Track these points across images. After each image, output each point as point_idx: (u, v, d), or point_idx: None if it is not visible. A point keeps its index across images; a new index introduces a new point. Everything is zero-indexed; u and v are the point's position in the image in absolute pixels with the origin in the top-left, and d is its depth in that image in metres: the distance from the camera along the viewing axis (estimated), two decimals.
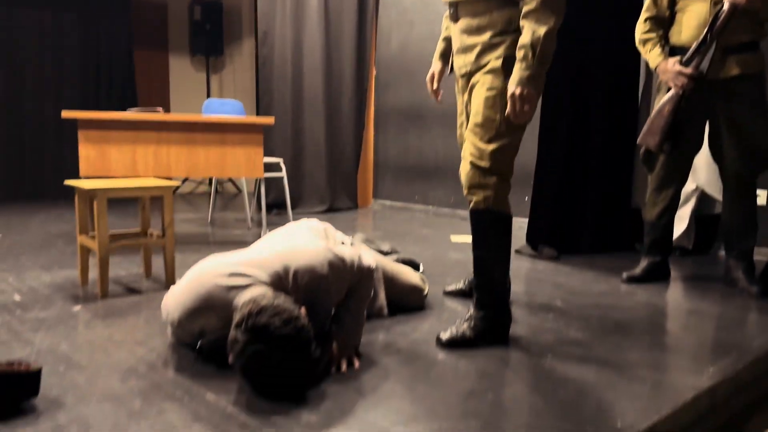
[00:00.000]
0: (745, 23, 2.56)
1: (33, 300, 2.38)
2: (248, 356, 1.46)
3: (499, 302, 1.97)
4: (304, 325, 1.50)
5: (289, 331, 1.46)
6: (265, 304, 1.49)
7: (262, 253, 1.77)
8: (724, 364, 1.85)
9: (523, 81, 1.78)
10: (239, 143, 3.50)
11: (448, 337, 1.94)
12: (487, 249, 1.94)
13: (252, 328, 1.46)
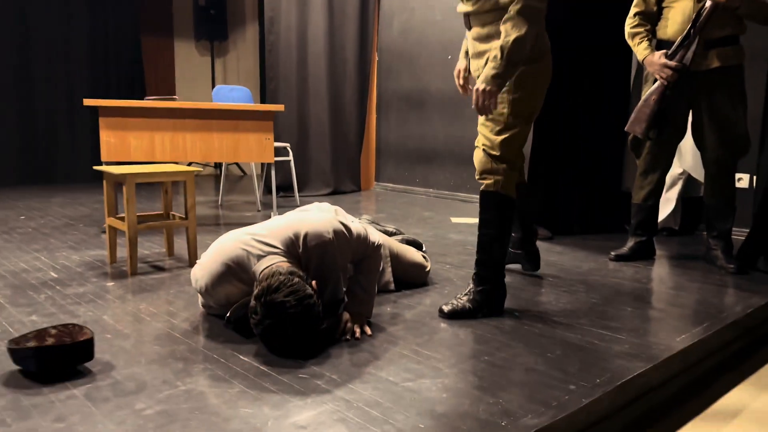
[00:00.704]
0: (726, 19, 2.75)
1: (68, 277, 2.60)
2: (264, 327, 1.70)
3: (496, 278, 2.20)
4: (314, 302, 1.73)
5: (300, 309, 1.69)
6: (281, 281, 1.71)
7: (277, 223, 2.00)
8: (696, 331, 2.07)
9: (488, 79, 1.99)
10: (251, 130, 3.69)
11: (450, 309, 2.16)
12: (492, 228, 2.17)
13: (268, 303, 1.68)
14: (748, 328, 2.34)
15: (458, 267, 2.91)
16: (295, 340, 1.74)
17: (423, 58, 5.40)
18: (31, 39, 5.79)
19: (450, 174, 5.34)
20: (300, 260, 1.95)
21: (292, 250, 1.93)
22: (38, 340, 1.69)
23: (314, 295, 1.74)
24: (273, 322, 1.69)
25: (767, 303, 2.45)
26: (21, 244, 3.23)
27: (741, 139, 2.85)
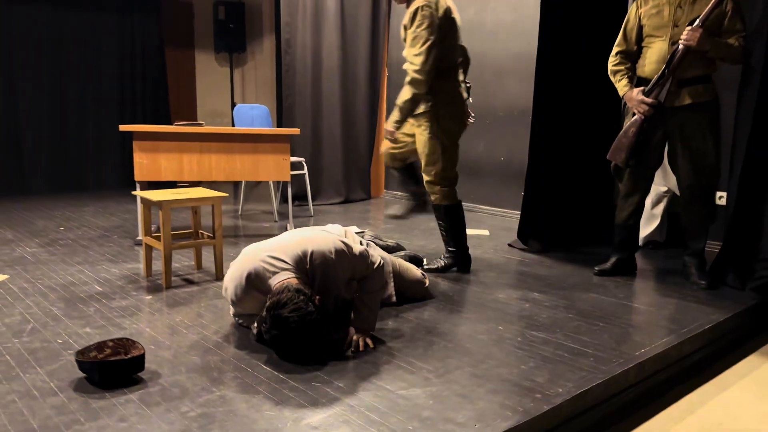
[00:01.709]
0: (698, 60, 3.05)
1: (111, 291, 2.97)
2: (271, 336, 2.08)
3: (459, 246, 3.38)
4: (315, 318, 2.06)
5: (301, 325, 2.04)
6: (288, 298, 2.06)
7: (289, 241, 2.36)
8: (655, 345, 2.40)
9: (390, 122, 3.20)
10: (269, 151, 4.05)
11: (431, 268, 3.34)
12: (448, 222, 3.36)
13: (275, 317, 2.04)
14: (709, 341, 2.66)
15: (455, 281, 3.25)
16: (295, 349, 2.12)
17: None
18: (63, 50, 6.17)
19: None
20: (307, 274, 2.29)
21: (300, 266, 2.28)
22: (99, 352, 2.06)
23: (315, 312, 2.07)
24: (278, 333, 2.06)
25: (726, 319, 2.76)
26: (64, 257, 3.61)
27: (711, 169, 3.16)
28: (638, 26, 3.24)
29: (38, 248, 3.80)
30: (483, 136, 5.34)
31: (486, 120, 5.30)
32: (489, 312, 2.76)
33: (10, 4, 5.75)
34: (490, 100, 5.25)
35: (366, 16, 5.76)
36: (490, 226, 4.84)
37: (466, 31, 5.31)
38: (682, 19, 3.07)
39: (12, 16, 5.81)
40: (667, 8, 3.12)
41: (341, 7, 5.59)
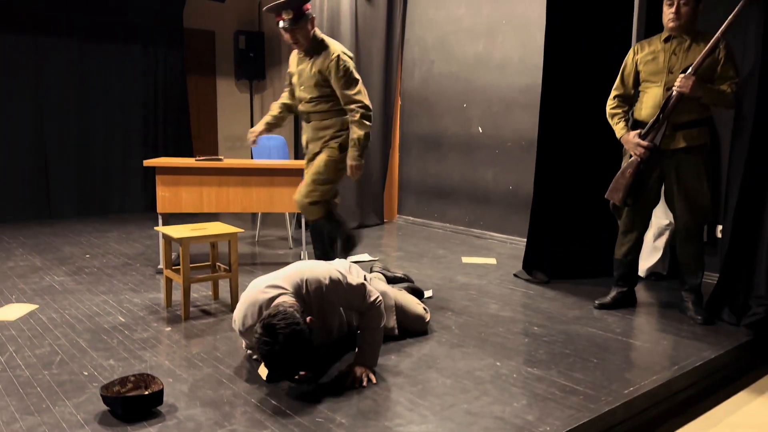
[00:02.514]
0: (692, 106, 3.18)
1: (134, 321, 3.17)
2: (260, 343, 2.16)
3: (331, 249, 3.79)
4: (302, 329, 2.18)
5: (288, 331, 2.15)
6: (279, 311, 2.21)
7: (288, 270, 2.55)
8: (645, 383, 2.52)
9: (354, 158, 3.54)
10: (284, 184, 4.24)
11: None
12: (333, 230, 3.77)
13: (265, 325, 2.18)
14: (700, 378, 2.77)
15: (458, 314, 3.39)
16: (283, 357, 2.16)
17: (441, 105, 5.89)
18: (90, 80, 6.44)
19: (465, 210, 5.81)
20: (304, 300, 2.46)
21: (298, 291, 2.46)
22: (121, 386, 2.24)
23: (302, 323, 2.20)
24: (267, 340, 2.15)
25: (717, 356, 2.87)
26: (90, 286, 3.82)
27: (705, 209, 3.28)
28: (635, 71, 3.38)
29: (65, 276, 4.02)
30: (492, 165, 5.49)
31: (495, 150, 5.45)
32: (488, 347, 2.90)
33: (39, 36, 6.05)
34: (499, 131, 5.40)
35: (379, 47, 5.95)
36: (498, 254, 4.98)
37: (476, 64, 5.51)
38: (677, 66, 3.21)
39: (41, 48, 6.10)
40: (663, 55, 3.27)
41: (356, 39, 5.80)
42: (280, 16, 3.40)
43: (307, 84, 3.57)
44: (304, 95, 3.60)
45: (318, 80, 3.51)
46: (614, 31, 4.04)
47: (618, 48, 3.94)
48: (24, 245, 4.98)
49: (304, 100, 3.62)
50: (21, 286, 3.78)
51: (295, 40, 3.48)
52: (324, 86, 3.53)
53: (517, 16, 5.15)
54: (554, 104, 4.01)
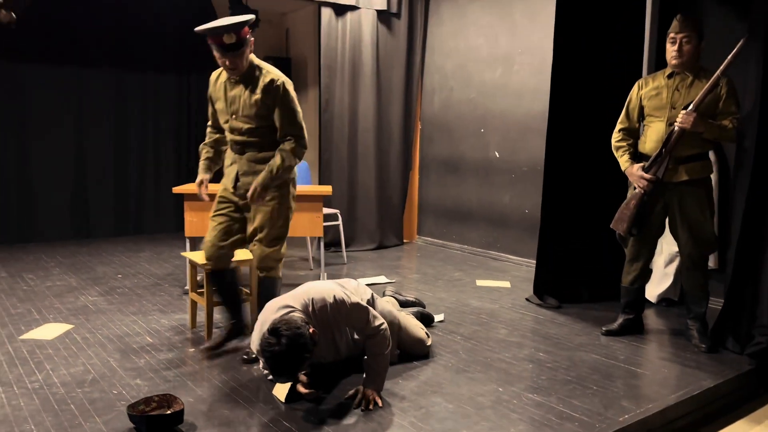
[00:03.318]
0: (694, 140, 3.28)
1: (160, 342, 3.38)
2: (263, 346, 2.35)
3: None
4: (304, 334, 2.37)
5: (290, 334, 2.34)
6: (285, 320, 2.42)
7: (298, 290, 2.74)
8: (640, 411, 2.63)
9: (260, 182, 3.05)
10: (304, 209, 4.44)
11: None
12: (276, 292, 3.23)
13: (270, 329, 2.38)
14: (698, 406, 2.86)
15: (467, 338, 3.53)
16: (284, 357, 2.32)
17: (459, 130, 6.06)
18: (127, 107, 6.76)
19: (483, 232, 5.94)
20: (311, 317, 2.63)
21: (305, 310, 2.63)
22: (146, 405, 2.44)
23: (304, 329, 2.39)
24: (270, 341, 2.34)
25: (716, 384, 2.95)
26: (121, 306, 4.06)
27: (708, 240, 3.37)
28: (639, 106, 3.50)
29: (99, 297, 4.27)
30: (509, 189, 5.62)
31: (511, 174, 5.58)
32: (492, 372, 3.03)
33: (81, 67, 6.39)
34: (515, 156, 5.53)
35: (400, 74, 6.15)
36: (513, 276, 5.09)
37: (494, 91, 5.66)
38: (679, 101, 3.33)
39: (83, 79, 6.45)
40: (666, 91, 3.39)
41: (377, 69, 6.01)
42: (220, 38, 2.93)
43: (245, 113, 3.11)
44: (239, 125, 3.14)
45: (260, 109, 3.09)
46: (622, 61, 4.15)
47: (626, 78, 4.03)
48: (61, 264, 5.28)
49: (237, 131, 3.16)
50: (57, 306, 4.04)
51: (234, 66, 3.02)
52: (267, 116, 3.10)
53: (533, 46, 5.30)
54: (561, 132, 4.13)
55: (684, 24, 3.30)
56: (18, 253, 5.71)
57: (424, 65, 6.40)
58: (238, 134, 3.17)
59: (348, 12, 5.85)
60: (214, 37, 2.94)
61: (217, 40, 2.94)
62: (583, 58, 4.08)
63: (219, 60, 3.04)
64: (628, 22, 4.15)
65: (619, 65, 4.13)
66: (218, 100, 3.24)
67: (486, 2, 5.72)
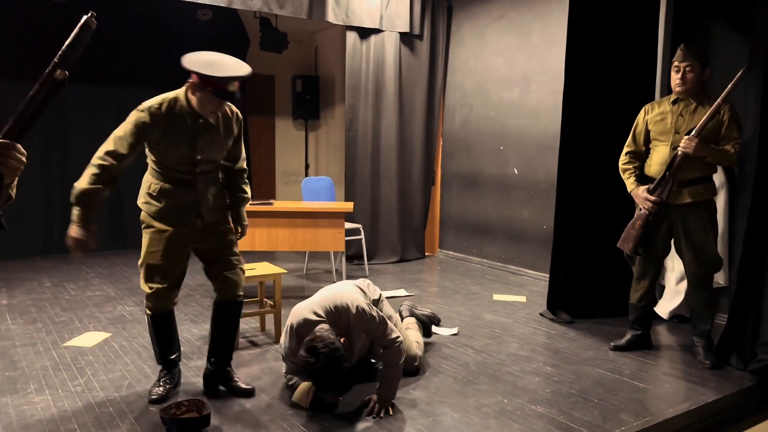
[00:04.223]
0: (696, 164, 3.42)
1: (191, 350, 3.64)
2: (305, 363, 2.62)
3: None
4: (338, 347, 2.63)
5: (327, 351, 2.59)
6: (317, 336, 2.67)
7: (325, 297, 2.97)
8: (637, 424, 2.77)
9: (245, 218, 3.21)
10: (327, 226, 4.68)
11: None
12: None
13: (307, 348, 2.63)
14: (697, 420, 2.99)
15: (479, 352, 3.70)
16: (324, 372, 2.60)
17: (479, 147, 6.24)
18: None
19: (502, 247, 6.10)
20: (336, 324, 2.88)
21: (330, 318, 2.88)
22: (177, 409, 2.68)
23: (338, 344, 2.64)
24: (310, 360, 2.61)
25: (715, 400, 3.08)
26: None
27: (712, 259, 3.50)
28: (645, 130, 3.65)
29: (134, 306, 4.56)
30: (527, 205, 5.78)
31: (530, 191, 5.74)
32: (500, 384, 3.21)
33: (119, 86, 6.76)
34: (533, 173, 5.69)
35: (421, 93, 6.37)
36: (530, 291, 5.24)
37: (512, 109, 5.83)
38: (683, 127, 3.47)
39: (120, 97, 6.81)
40: (670, 116, 3.53)
41: (399, 89, 6.24)
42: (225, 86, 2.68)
43: (218, 150, 2.92)
44: (208, 165, 2.91)
45: (229, 143, 2.98)
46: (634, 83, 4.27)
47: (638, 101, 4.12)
48: (100, 275, 5.60)
49: (205, 169, 2.91)
50: (97, 315, 4.33)
51: (222, 110, 2.86)
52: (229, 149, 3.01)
53: (549, 67, 5.46)
54: (573, 152, 4.29)
55: (687, 53, 3.45)
56: (60, 264, 6.07)
57: (446, 84, 6.61)
58: (203, 173, 2.90)
59: (372, 35, 6.10)
60: (218, 83, 2.65)
61: (222, 87, 2.66)
62: (594, 80, 4.24)
63: (211, 106, 2.76)
64: (641, 47, 4.28)
65: (630, 88, 4.27)
66: (169, 136, 2.83)
67: (505, 25, 5.91)
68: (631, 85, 4.27)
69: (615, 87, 4.26)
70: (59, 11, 6.10)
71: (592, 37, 4.22)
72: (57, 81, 1.66)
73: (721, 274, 4.11)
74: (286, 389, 3.09)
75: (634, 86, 4.28)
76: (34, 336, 3.86)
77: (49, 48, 6.30)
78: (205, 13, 6.97)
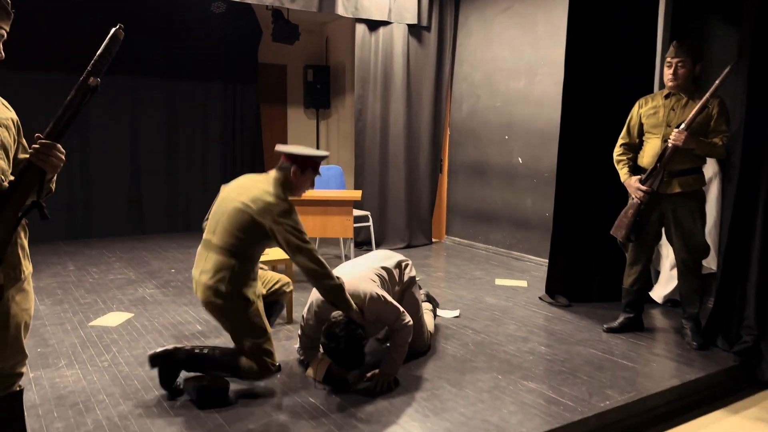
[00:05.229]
0: (686, 156, 3.59)
1: (208, 330, 3.89)
2: (327, 348, 2.86)
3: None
4: (354, 329, 2.86)
5: (344, 335, 2.82)
6: (335, 322, 2.89)
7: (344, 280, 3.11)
8: (622, 398, 2.98)
9: None
10: (336, 213, 4.90)
11: None
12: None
13: (326, 334, 2.86)
14: (678, 396, 3.19)
15: (478, 332, 3.92)
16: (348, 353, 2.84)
17: (485, 136, 6.42)
18: (178, 113, 7.36)
19: (506, 233, 6.29)
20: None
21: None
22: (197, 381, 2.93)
23: (354, 326, 2.86)
24: (331, 345, 2.85)
25: (697, 378, 3.28)
26: (174, 298, 4.60)
27: (700, 246, 3.68)
28: (639, 123, 3.82)
29: (155, 289, 4.83)
30: (531, 193, 5.96)
31: (533, 179, 5.91)
32: (495, 362, 3.43)
33: (135, 77, 7.00)
34: (537, 162, 5.86)
35: (429, 83, 6.55)
36: (532, 276, 5.44)
37: (517, 100, 5.99)
38: (674, 120, 3.64)
39: (137, 88, 7.07)
40: (662, 110, 3.70)
41: (407, 80, 6.42)
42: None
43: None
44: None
45: None
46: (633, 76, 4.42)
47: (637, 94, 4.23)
48: (121, 259, 5.88)
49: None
50: (120, 297, 4.60)
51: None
52: None
53: (554, 58, 5.61)
54: (572, 142, 4.46)
55: (679, 50, 3.60)
56: (83, 248, 6.36)
57: (453, 75, 6.78)
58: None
59: (381, 27, 6.28)
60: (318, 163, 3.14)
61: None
62: (594, 73, 4.39)
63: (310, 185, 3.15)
64: (640, 41, 4.43)
65: (629, 81, 4.42)
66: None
67: (511, 16, 6.06)
68: (630, 79, 4.43)
69: (614, 80, 4.42)
70: (78, 7, 6.34)
71: (592, 31, 4.37)
72: (90, 87, 1.89)
73: (714, 260, 4.28)
74: (298, 364, 3.33)
75: (633, 79, 4.43)
76: (62, 316, 4.14)
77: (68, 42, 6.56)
78: (219, 6, 7.17)
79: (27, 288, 1.95)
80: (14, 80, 5.89)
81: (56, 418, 2.71)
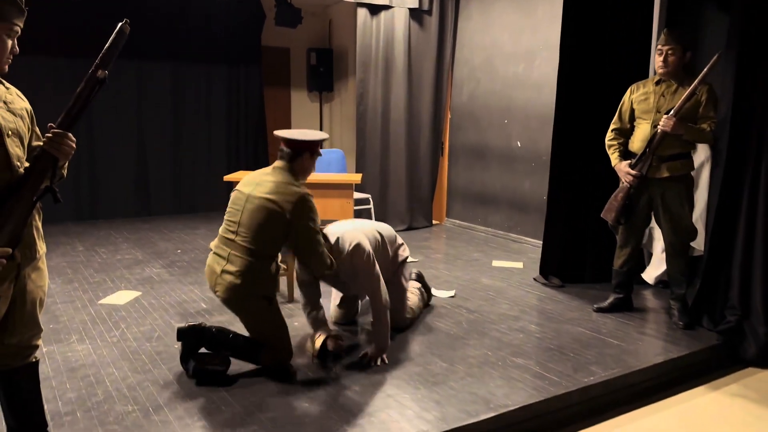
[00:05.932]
0: (674, 141, 3.69)
1: (212, 308, 4.05)
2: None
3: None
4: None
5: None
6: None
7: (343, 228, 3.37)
8: (606, 374, 3.13)
9: None
10: (336, 196, 5.03)
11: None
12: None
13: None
14: (660, 373, 3.33)
15: (471, 312, 4.06)
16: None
17: (485, 120, 6.51)
18: (184, 96, 7.48)
19: (505, 216, 6.41)
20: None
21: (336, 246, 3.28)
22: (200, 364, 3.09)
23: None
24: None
25: (680, 356, 3.41)
26: (180, 277, 4.76)
27: (688, 230, 3.79)
28: (630, 109, 3.92)
29: (161, 269, 4.99)
30: (529, 176, 6.07)
31: (531, 163, 6.02)
32: (486, 340, 3.57)
33: (141, 61, 7.11)
34: (535, 145, 5.96)
35: (430, 67, 6.63)
36: (528, 258, 5.56)
37: (516, 83, 6.08)
38: (664, 106, 3.73)
39: (143, 71, 7.18)
40: (653, 96, 3.79)
41: (408, 63, 6.51)
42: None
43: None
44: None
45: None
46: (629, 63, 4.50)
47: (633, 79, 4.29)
48: (128, 240, 6.05)
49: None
50: (127, 276, 4.77)
51: None
52: None
53: (553, 42, 5.67)
54: (567, 126, 4.55)
55: (670, 37, 3.69)
56: (90, 229, 6.53)
57: (454, 59, 6.85)
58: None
59: (382, 11, 6.35)
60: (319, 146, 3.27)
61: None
62: (589, 58, 4.47)
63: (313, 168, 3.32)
64: (636, 26, 4.49)
65: (624, 67, 4.50)
66: None
67: (511, 1, 6.12)
68: (625, 64, 4.50)
69: (609, 64, 4.50)
70: None
71: (588, 16, 4.44)
72: (99, 79, 2.02)
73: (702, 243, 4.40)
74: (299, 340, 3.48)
75: (628, 65, 4.51)
76: (72, 294, 4.30)
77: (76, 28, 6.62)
78: None
79: (41, 266, 2.10)
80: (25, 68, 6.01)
81: (68, 389, 2.88)
